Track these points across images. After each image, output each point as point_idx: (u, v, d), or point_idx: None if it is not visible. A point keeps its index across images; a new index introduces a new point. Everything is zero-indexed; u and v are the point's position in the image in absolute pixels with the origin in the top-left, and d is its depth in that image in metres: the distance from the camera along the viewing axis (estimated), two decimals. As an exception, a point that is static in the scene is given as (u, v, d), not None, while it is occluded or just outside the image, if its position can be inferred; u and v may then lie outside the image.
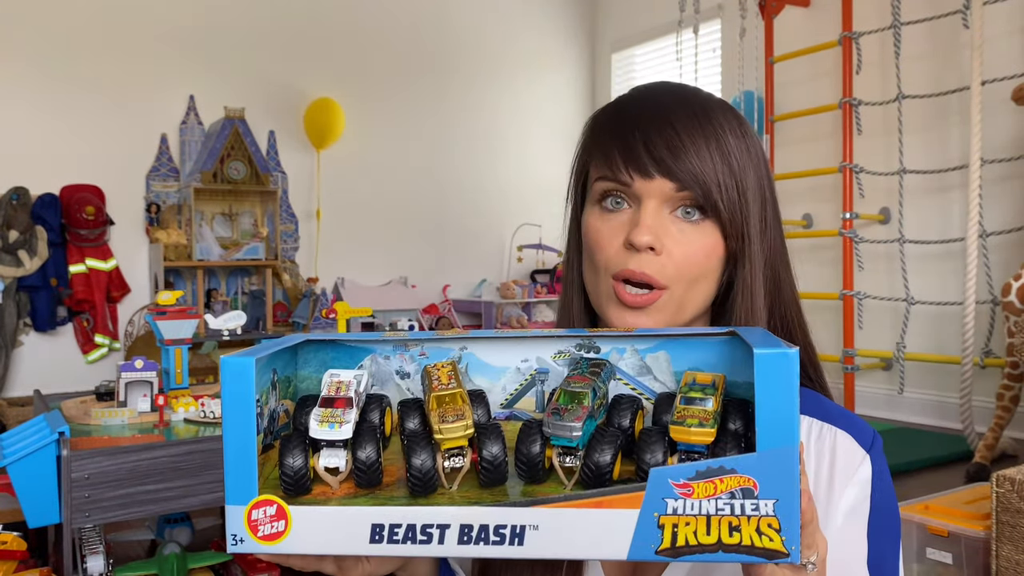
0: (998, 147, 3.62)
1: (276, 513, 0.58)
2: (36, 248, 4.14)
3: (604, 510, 0.54)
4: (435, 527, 0.56)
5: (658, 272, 0.72)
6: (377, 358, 0.68)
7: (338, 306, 2.39)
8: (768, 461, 0.52)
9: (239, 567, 2.14)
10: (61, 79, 4.33)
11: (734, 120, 0.74)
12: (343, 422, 0.61)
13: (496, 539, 0.55)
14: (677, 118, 0.72)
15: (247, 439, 0.59)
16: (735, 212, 0.72)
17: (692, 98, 0.74)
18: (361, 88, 5.12)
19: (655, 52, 5.58)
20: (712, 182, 0.71)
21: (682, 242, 0.72)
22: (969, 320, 3.35)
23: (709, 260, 0.73)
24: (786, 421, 0.52)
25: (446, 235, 5.44)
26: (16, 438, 1.70)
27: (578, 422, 0.59)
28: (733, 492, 0.53)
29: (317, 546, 0.57)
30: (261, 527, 0.58)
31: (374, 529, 0.56)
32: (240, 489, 0.59)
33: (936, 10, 3.81)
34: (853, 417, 0.77)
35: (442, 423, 0.60)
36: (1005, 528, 1.68)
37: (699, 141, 0.71)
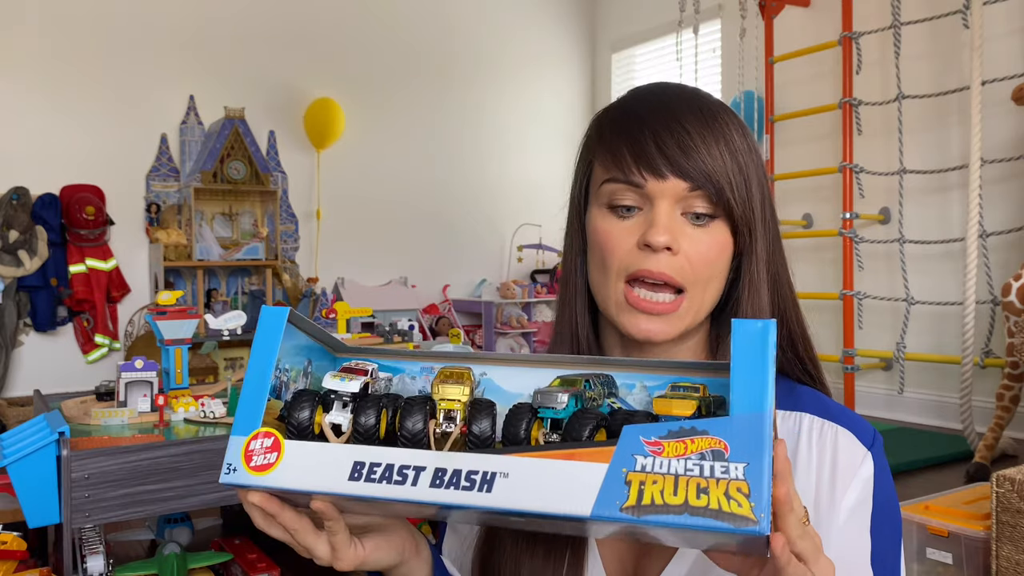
0: (998, 147, 3.62)
1: (272, 445, 0.61)
2: (36, 248, 4.14)
3: (574, 462, 0.54)
4: (411, 468, 0.57)
5: (677, 272, 0.72)
6: (404, 377, 0.71)
7: (338, 306, 2.39)
8: (740, 425, 0.52)
9: (239, 567, 2.14)
10: (61, 79, 4.33)
11: (735, 119, 0.75)
12: (353, 379, 0.65)
13: (466, 484, 0.55)
14: (685, 117, 0.72)
15: (263, 379, 0.63)
16: (745, 209, 0.73)
17: (696, 97, 0.75)
18: (361, 88, 5.12)
19: (655, 52, 5.58)
20: (724, 180, 0.71)
21: (696, 242, 0.72)
22: (969, 320, 3.35)
23: (721, 259, 0.74)
24: (759, 387, 0.53)
25: (446, 235, 5.44)
26: (16, 438, 1.70)
27: (565, 395, 0.60)
28: (703, 453, 0.52)
29: (299, 481, 0.59)
30: (255, 456, 0.61)
31: (355, 467, 0.58)
32: (245, 421, 0.62)
33: (936, 10, 3.81)
34: (854, 415, 0.78)
35: (441, 385, 0.64)
36: (1005, 528, 1.68)
37: (709, 140, 0.71)
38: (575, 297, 0.81)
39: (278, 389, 0.66)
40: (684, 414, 0.57)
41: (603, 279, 0.75)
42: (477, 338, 5.30)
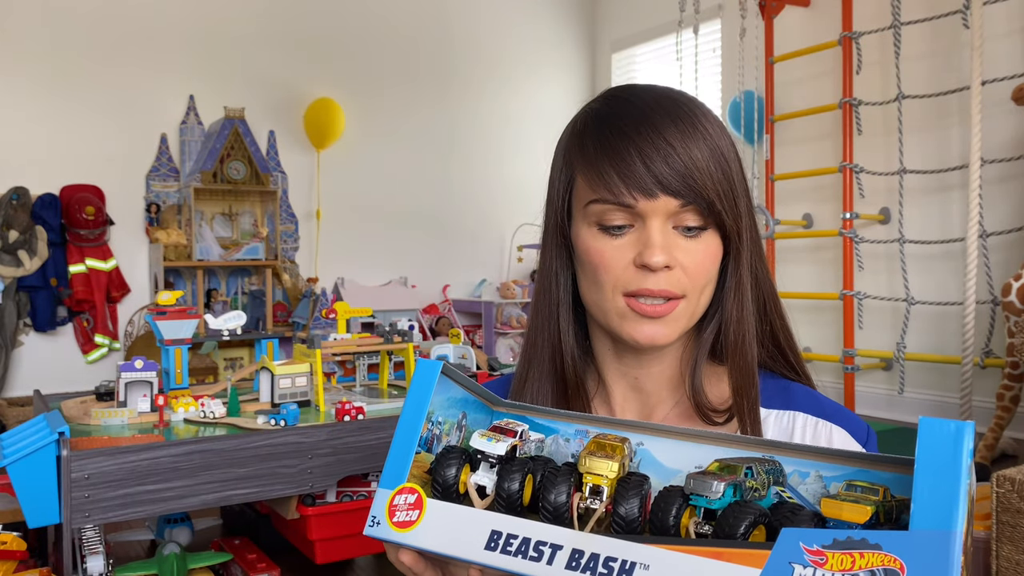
0: (998, 147, 3.62)
1: (415, 502, 0.60)
2: (36, 248, 4.14)
3: (722, 563, 0.50)
4: (548, 546, 0.55)
5: (675, 286, 0.73)
6: (559, 439, 0.68)
7: (338, 306, 2.39)
8: (922, 542, 0.45)
9: (239, 567, 2.14)
10: (61, 79, 4.33)
11: (709, 115, 0.75)
12: (500, 441, 0.63)
13: (603, 571, 0.53)
14: (667, 129, 0.71)
15: (413, 432, 0.63)
16: (735, 217, 0.74)
17: (671, 101, 0.74)
18: (361, 88, 5.12)
19: (655, 52, 5.58)
20: (713, 193, 0.71)
21: (691, 253, 0.73)
22: (969, 320, 3.35)
23: (715, 265, 0.75)
24: (949, 500, 0.46)
25: (446, 235, 5.44)
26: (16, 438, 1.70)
27: (722, 484, 0.56)
28: (874, 571, 0.46)
29: (437, 543, 0.58)
30: (398, 513, 0.60)
31: (492, 536, 0.57)
32: (393, 475, 0.62)
33: (936, 10, 3.81)
34: (847, 412, 0.78)
35: (589, 457, 0.60)
36: (1005, 528, 1.68)
37: (692, 147, 0.71)
38: (558, 311, 0.81)
39: (429, 442, 0.65)
40: (856, 520, 0.51)
41: (599, 295, 0.75)
42: (477, 338, 5.31)
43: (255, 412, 2.08)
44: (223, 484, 1.79)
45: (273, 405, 2.10)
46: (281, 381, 2.09)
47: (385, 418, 2.02)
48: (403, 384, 2.45)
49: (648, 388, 0.81)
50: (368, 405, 2.11)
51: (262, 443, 1.84)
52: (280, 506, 2.14)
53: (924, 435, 0.48)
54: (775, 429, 0.78)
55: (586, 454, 0.60)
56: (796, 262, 4.57)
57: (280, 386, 2.10)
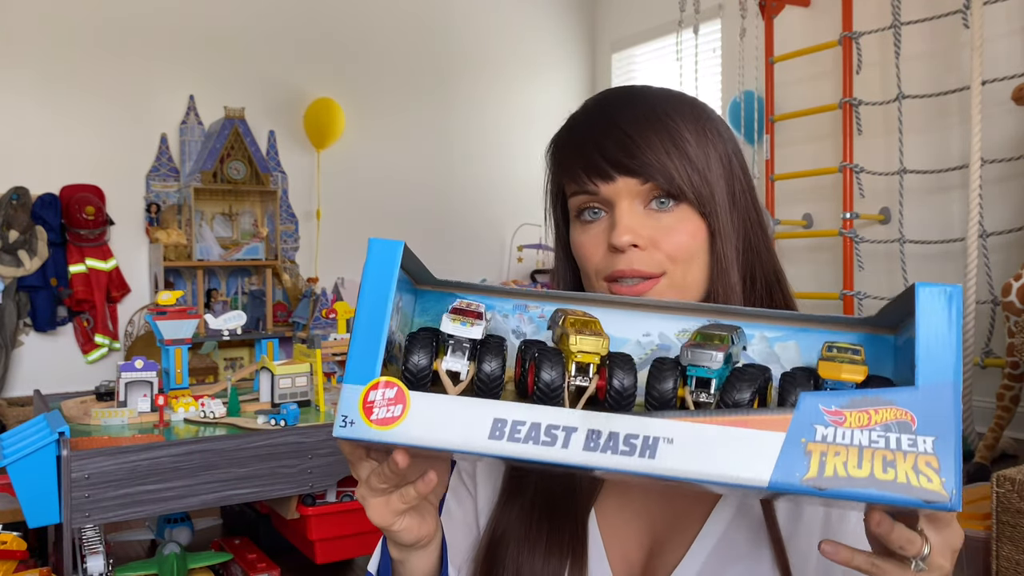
0: (998, 147, 3.62)
1: (395, 397, 0.55)
2: (36, 248, 4.14)
3: (748, 430, 0.51)
4: (561, 428, 0.52)
5: (648, 264, 0.74)
6: (496, 315, 0.67)
7: (338, 306, 2.39)
8: (928, 396, 0.50)
9: (239, 567, 2.14)
10: (61, 79, 4.33)
11: (686, 109, 0.77)
12: (474, 324, 0.60)
13: (626, 449, 0.51)
14: (624, 120, 0.75)
15: (379, 320, 0.58)
16: (703, 190, 0.74)
17: (639, 98, 0.77)
18: (361, 88, 5.12)
19: (655, 52, 5.58)
20: (672, 168, 0.73)
21: (665, 231, 0.75)
22: (969, 320, 3.35)
23: (695, 240, 0.75)
24: (947, 356, 0.50)
25: (446, 235, 5.44)
26: (16, 438, 1.70)
27: (720, 353, 0.57)
28: (888, 425, 0.50)
29: (430, 437, 0.54)
30: (376, 409, 0.55)
31: (495, 424, 0.53)
32: (361, 368, 0.56)
33: (936, 10, 3.81)
34: None
35: (578, 335, 0.59)
36: (1005, 528, 1.68)
37: (649, 135, 0.74)
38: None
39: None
40: (855, 379, 0.54)
41: (587, 284, 0.79)
42: (477, 338, 5.30)
43: (255, 412, 2.08)
44: (223, 484, 1.79)
45: (273, 405, 2.10)
46: (281, 381, 2.09)
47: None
48: (403, 384, 2.45)
49: None
50: (368, 405, 2.10)
51: (262, 443, 1.84)
52: (280, 506, 2.14)
53: (922, 299, 0.52)
54: None
55: (572, 333, 0.59)
56: (796, 262, 4.57)
57: (280, 386, 2.10)
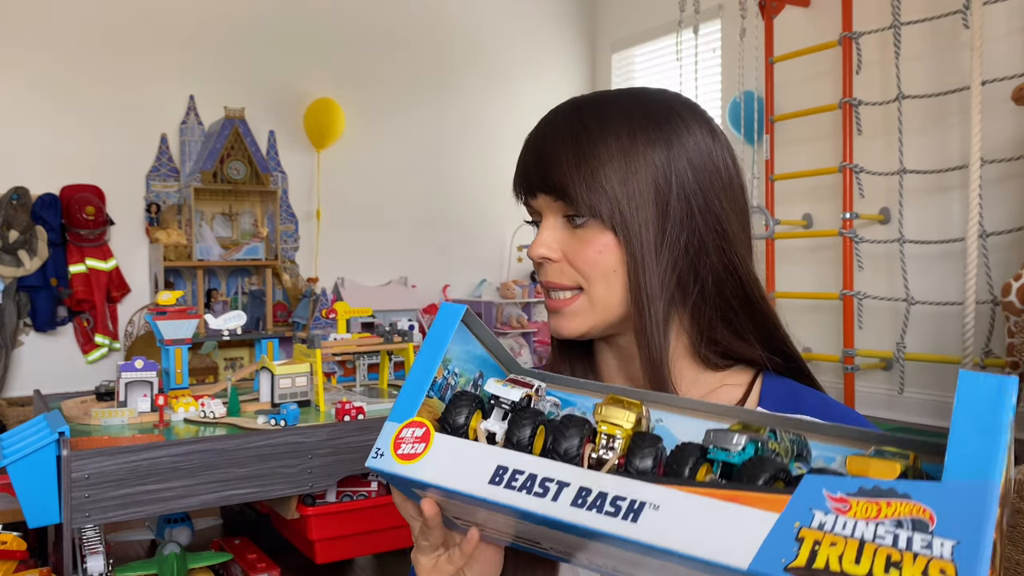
0: (998, 147, 3.62)
1: (422, 436, 0.59)
2: (36, 248, 4.14)
3: (738, 505, 0.47)
4: (554, 482, 0.52)
5: (559, 277, 0.77)
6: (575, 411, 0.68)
7: (338, 306, 2.39)
8: (956, 493, 0.43)
9: (239, 567, 2.14)
10: (61, 79, 4.33)
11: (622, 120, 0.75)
12: (516, 387, 0.62)
13: (611, 510, 0.50)
14: (550, 135, 0.77)
15: (428, 371, 0.63)
16: (607, 209, 0.74)
17: (573, 111, 0.78)
18: (361, 88, 5.12)
19: (655, 52, 5.58)
20: (575, 187, 0.74)
21: (578, 246, 0.76)
22: (969, 320, 3.35)
23: (606, 256, 0.75)
24: (987, 451, 0.44)
25: (446, 235, 5.44)
26: (16, 438, 1.70)
27: (744, 437, 0.53)
28: (901, 520, 0.43)
29: (439, 476, 0.56)
30: (403, 445, 0.60)
31: (497, 471, 0.55)
32: (403, 409, 0.61)
33: (936, 10, 3.81)
34: (853, 414, 0.78)
35: (606, 407, 0.59)
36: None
37: (559, 155, 0.75)
38: None
39: (443, 389, 0.64)
40: (886, 478, 0.48)
41: None
42: (477, 338, 5.30)
43: (255, 412, 2.08)
44: (223, 484, 1.79)
45: (273, 405, 2.10)
46: (281, 381, 2.09)
47: (385, 418, 2.02)
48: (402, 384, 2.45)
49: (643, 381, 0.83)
50: (368, 405, 2.10)
51: (262, 443, 1.84)
52: (280, 506, 2.14)
53: (964, 388, 0.47)
54: None
55: (602, 405, 0.60)
56: (796, 262, 4.57)
57: (280, 386, 2.10)
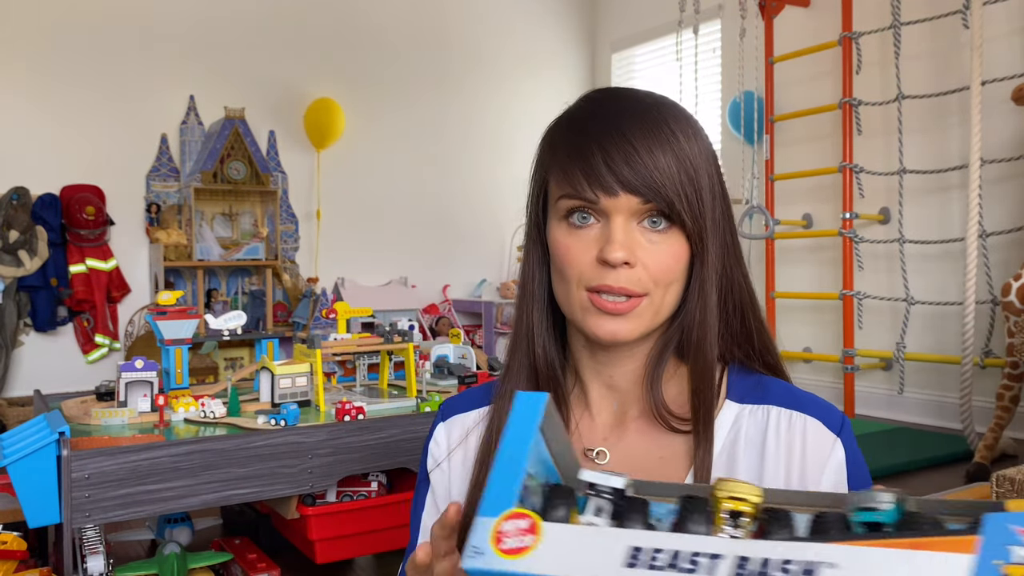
0: (998, 147, 3.62)
1: (528, 527, 0.53)
2: (36, 248, 4.14)
3: (925, 552, 0.43)
4: (705, 556, 0.47)
5: (635, 284, 0.74)
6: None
7: (338, 306, 2.39)
8: None
9: (239, 567, 2.14)
10: (61, 79, 4.33)
11: (684, 121, 0.76)
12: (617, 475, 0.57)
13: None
14: (631, 129, 0.74)
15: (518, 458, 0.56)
16: (696, 217, 0.75)
17: (642, 105, 0.76)
18: (361, 88, 5.12)
19: (655, 52, 5.58)
20: (673, 192, 0.73)
21: (653, 252, 0.75)
22: (969, 320, 3.35)
23: (679, 264, 0.76)
24: None
25: (446, 235, 5.44)
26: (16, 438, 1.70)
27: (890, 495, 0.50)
28: None
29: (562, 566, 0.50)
30: (507, 539, 0.53)
31: (632, 552, 0.49)
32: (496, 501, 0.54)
33: (936, 10, 3.81)
34: (821, 402, 0.79)
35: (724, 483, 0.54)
36: (1005, 528, 1.68)
37: (656, 152, 0.73)
38: (533, 308, 0.84)
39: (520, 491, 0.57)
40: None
41: (566, 289, 0.78)
42: (477, 338, 5.31)
43: (255, 412, 2.08)
44: (223, 484, 1.79)
45: (273, 405, 2.10)
46: (281, 381, 2.10)
47: (385, 418, 2.02)
48: (403, 384, 2.44)
49: (622, 386, 0.83)
50: (368, 405, 2.11)
51: (262, 443, 1.84)
52: (280, 506, 2.14)
53: None
54: (750, 424, 0.78)
55: (718, 484, 0.54)
56: (796, 262, 4.57)
57: (280, 386, 2.10)
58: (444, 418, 0.92)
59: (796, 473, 0.75)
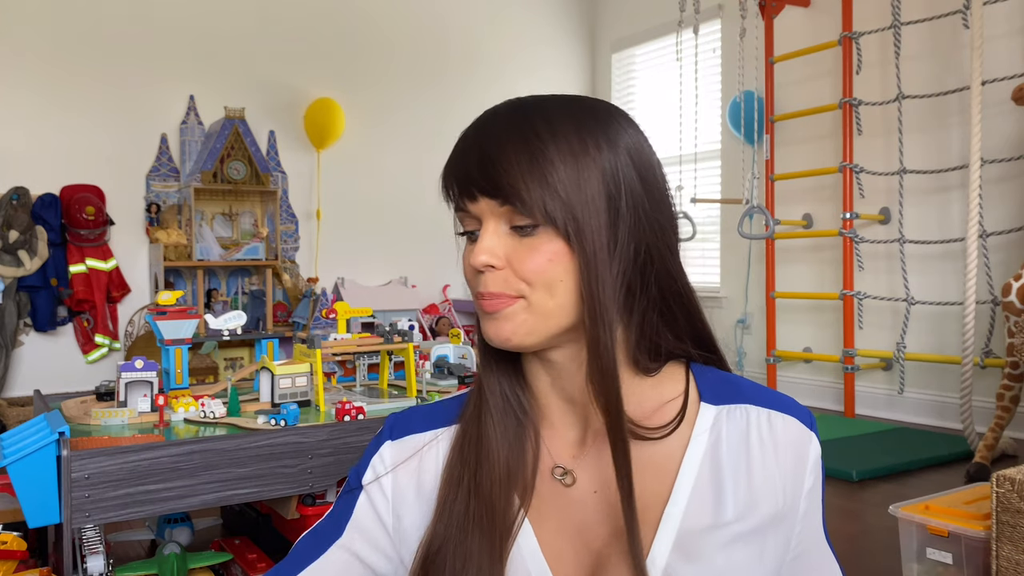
0: (998, 147, 3.62)
1: None
2: (36, 248, 4.14)
3: None
4: None
5: (502, 286, 0.73)
6: None
7: (338, 306, 2.39)
8: None
9: (239, 567, 2.14)
10: (61, 79, 4.33)
11: (569, 123, 0.73)
12: None
13: None
14: (490, 138, 0.74)
15: None
16: (561, 216, 0.71)
17: (515, 113, 0.75)
18: (361, 88, 5.12)
19: (655, 52, 5.58)
20: (527, 191, 0.71)
21: (524, 254, 0.73)
22: (969, 320, 3.35)
23: (555, 264, 0.72)
24: None
25: (446, 235, 5.40)
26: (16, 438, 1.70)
27: None
28: None
29: None
30: None
31: None
32: None
33: (936, 10, 3.81)
34: (791, 400, 0.79)
35: None
36: (1005, 528, 1.68)
37: (510, 156, 0.72)
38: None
39: None
40: None
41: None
42: (477, 338, 5.30)
43: (255, 412, 2.08)
44: (223, 484, 1.79)
45: (273, 405, 2.10)
46: (281, 381, 2.09)
47: (385, 418, 2.02)
48: (403, 384, 2.44)
49: (580, 399, 0.79)
50: (368, 405, 2.10)
51: (262, 443, 1.84)
52: (280, 506, 2.14)
53: None
54: (729, 426, 0.76)
55: None
56: (796, 262, 4.57)
57: (280, 386, 2.09)
58: (394, 437, 0.88)
59: (784, 473, 0.75)
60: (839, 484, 2.95)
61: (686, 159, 4.80)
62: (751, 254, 4.70)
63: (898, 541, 1.95)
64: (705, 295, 4.87)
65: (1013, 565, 1.68)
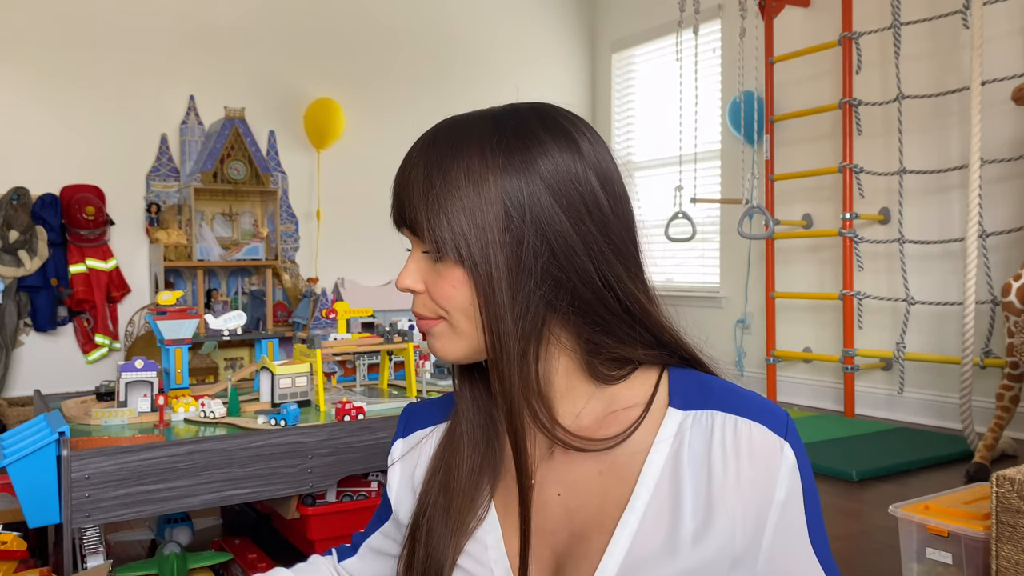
0: (998, 147, 3.62)
1: None
2: (36, 248, 4.14)
3: None
4: None
5: (423, 309, 0.78)
6: None
7: (338, 306, 2.39)
8: None
9: (239, 567, 2.14)
10: (61, 79, 4.33)
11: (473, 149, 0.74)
12: None
13: None
14: (405, 166, 0.78)
15: None
16: (457, 244, 0.73)
17: (432, 139, 0.78)
18: (361, 88, 5.12)
19: (655, 52, 5.58)
20: (425, 225, 0.74)
21: (436, 280, 0.76)
22: (969, 320, 3.35)
23: (459, 292, 0.74)
24: None
25: (446, 235, 5.43)
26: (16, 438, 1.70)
27: None
28: None
29: None
30: None
31: None
32: None
33: (936, 10, 3.81)
34: (764, 403, 0.76)
35: None
36: (1005, 528, 1.68)
37: (411, 192, 0.76)
38: None
39: None
40: None
41: None
42: (477, 338, 5.30)
43: (255, 412, 2.08)
44: (223, 484, 1.79)
45: (273, 405, 2.10)
46: (281, 381, 2.10)
47: (385, 418, 2.02)
48: (403, 384, 2.44)
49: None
50: (368, 405, 2.11)
51: (262, 443, 1.84)
52: (280, 506, 2.14)
53: None
54: (694, 433, 0.75)
55: None
56: (796, 262, 4.57)
57: (280, 386, 2.10)
58: (406, 433, 0.94)
59: (747, 483, 0.72)
60: (839, 484, 2.95)
61: (686, 159, 4.80)
62: (751, 254, 4.70)
63: (898, 541, 1.95)
64: (705, 295, 4.87)
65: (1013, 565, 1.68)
